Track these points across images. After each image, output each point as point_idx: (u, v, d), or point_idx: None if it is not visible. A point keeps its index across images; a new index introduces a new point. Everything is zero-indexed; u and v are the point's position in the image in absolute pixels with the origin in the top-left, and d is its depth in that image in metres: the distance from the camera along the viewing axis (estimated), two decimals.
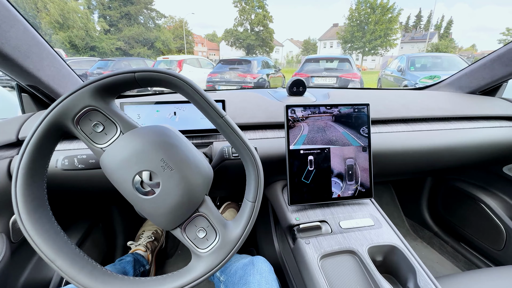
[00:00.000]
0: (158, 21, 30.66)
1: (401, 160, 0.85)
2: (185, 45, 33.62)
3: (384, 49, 24.05)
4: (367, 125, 0.68)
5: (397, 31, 24.53)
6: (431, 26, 49.00)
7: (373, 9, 22.89)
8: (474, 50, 54.47)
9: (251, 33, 34.70)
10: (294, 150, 0.65)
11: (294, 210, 0.68)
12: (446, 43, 39.25)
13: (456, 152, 0.88)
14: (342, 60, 5.53)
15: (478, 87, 1.04)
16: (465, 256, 1.17)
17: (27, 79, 0.64)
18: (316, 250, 0.57)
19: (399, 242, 0.60)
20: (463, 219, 1.18)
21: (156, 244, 1.09)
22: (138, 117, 0.68)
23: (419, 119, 0.89)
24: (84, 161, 0.49)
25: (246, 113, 0.77)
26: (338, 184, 0.68)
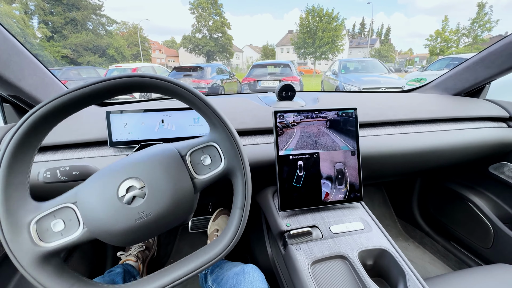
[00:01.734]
0: (109, 27, 29.01)
1: (390, 163, 0.87)
2: (141, 52, 32.34)
3: (333, 54, 26.30)
4: (355, 129, 0.70)
5: (343, 38, 26.99)
6: (374, 33, 54.61)
7: (320, 17, 24.80)
8: (411, 54, 62.04)
9: (210, 40, 34.79)
10: (283, 155, 0.66)
11: (284, 216, 0.68)
12: (387, 48, 43.94)
13: (443, 153, 0.90)
14: (284, 65, 6.23)
15: (463, 89, 1.06)
16: (455, 255, 1.18)
17: (7, 89, 0.63)
18: (307, 256, 0.57)
19: (389, 245, 0.61)
20: (453, 218, 1.20)
21: (147, 253, 1.07)
22: (125, 126, 0.66)
23: (407, 121, 0.91)
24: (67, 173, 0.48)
25: (235, 118, 0.76)
26: (327, 184, 0.69)
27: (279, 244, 0.66)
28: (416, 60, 38.62)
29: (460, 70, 1.05)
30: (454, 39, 25.93)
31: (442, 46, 26.31)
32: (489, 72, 0.95)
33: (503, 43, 0.87)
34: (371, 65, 6.71)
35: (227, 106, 0.85)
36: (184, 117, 0.70)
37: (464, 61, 1.03)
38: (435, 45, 26.79)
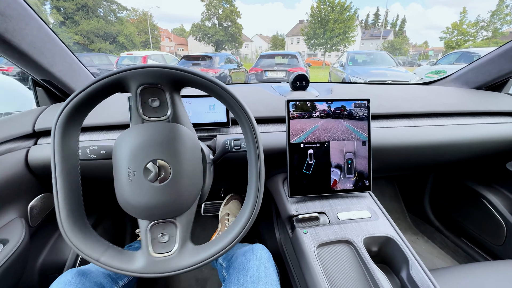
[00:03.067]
0: (119, 14, 28.98)
1: (403, 156, 0.86)
2: (150, 40, 32.28)
3: (344, 46, 25.66)
4: (367, 119, 0.70)
5: (355, 29, 26.15)
6: (388, 24, 52.71)
7: (332, 7, 24.05)
8: (426, 47, 59.72)
9: (219, 28, 34.38)
10: (294, 143, 0.67)
11: (293, 201, 0.70)
12: (401, 40, 42.37)
13: (459, 148, 0.89)
14: (292, 56, 6.22)
15: (485, 83, 1.03)
16: (465, 250, 1.17)
17: (41, 74, 0.68)
18: (313, 239, 0.59)
19: (394, 233, 0.62)
20: (465, 214, 1.18)
21: None
22: None
23: (422, 114, 0.90)
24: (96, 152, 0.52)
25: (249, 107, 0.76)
26: (337, 173, 0.70)
27: (287, 228, 0.69)
28: (430, 54, 37.33)
29: (483, 63, 1.01)
30: (472, 32, 24.84)
31: (458, 39, 25.28)
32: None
33: None
34: (379, 58, 6.63)
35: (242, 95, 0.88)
36: (201, 104, 0.74)
37: (488, 54, 0.99)
38: (451, 38, 25.76)
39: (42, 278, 0.75)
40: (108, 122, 0.73)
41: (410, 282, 0.53)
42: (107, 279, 0.61)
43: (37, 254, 0.75)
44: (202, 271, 1.12)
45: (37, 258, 0.75)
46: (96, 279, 0.57)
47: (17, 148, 0.66)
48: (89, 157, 0.52)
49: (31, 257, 0.72)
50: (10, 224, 0.62)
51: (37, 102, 0.79)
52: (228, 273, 0.64)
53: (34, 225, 0.70)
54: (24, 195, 0.68)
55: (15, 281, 0.62)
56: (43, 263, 0.75)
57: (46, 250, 0.78)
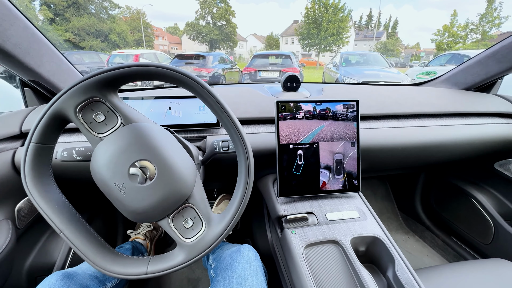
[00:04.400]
0: (112, 12, 28.52)
1: (391, 156, 0.87)
2: (143, 38, 31.93)
3: (337, 46, 25.84)
4: (356, 120, 0.71)
5: (349, 30, 26.38)
6: (381, 25, 53.42)
7: (326, 8, 24.14)
8: (418, 48, 60.79)
9: (213, 28, 34.22)
10: (283, 144, 0.68)
11: (283, 202, 0.70)
12: (393, 41, 42.99)
13: (447, 148, 0.89)
14: (285, 56, 6.20)
15: (473, 84, 1.04)
16: (454, 249, 1.19)
17: (28, 74, 0.67)
18: (301, 240, 0.60)
19: (381, 233, 0.63)
20: (454, 213, 1.20)
21: (155, 233, 1.12)
22: None
23: (411, 115, 0.90)
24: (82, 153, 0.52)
25: (239, 108, 0.78)
26: (326, 174, 0.70)
27: (276, 228, 0.69)
28: (422, 55, 37.99)
29: (471, 64, 1.02)
30: (462, 34, 25.40)
31: (449, 41, 25.81)
32: (501, 66, 0.93)
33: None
34: (372, 59, 6.69)
35: (232, 95, 0.87)
36: (191, 105, 0.74)
37: (476, 55, 1.00)
38: (442, 40, 26.28)
39: (30, 280, 0.75)
40: None
41: (396, 282, 0.54)
42: (93, 281, 0.59)
43: (25, 256, 0.75)
44: (194, 271, 1.12)
45: (25, 260, 0.74)
46: (82, 281, 0.56)
47: (3, 149, 0.65)
48: (76, 158, 0.52)
49: (18, 259, 0.72)
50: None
51: (25, 102, 0.78)
52: (216, 274, 0.64)
53: (22, 227, 0.69)
54: (11, 197, 0.67)
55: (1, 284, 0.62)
56: (31, 265, 0.75)
57: (35, 252, 0.77)
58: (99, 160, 0.39)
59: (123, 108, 0.41)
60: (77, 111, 0.38)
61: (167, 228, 0.42)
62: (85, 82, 0.37)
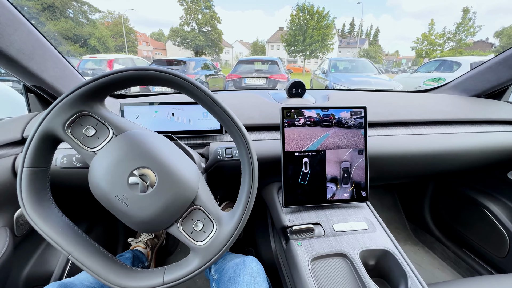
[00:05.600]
0: (91, 16, 27.56)
1: (400, 164, 0.84)
2: (125, 43, 31.06)
3: (322, 53, 26.24)
4: (363, 128, 0.68)
5: (333, 37, 26.94)
6: (363, 33, 55.36)
7: (311, 15, 24.58)
8: (397, 55, 63.62)
9: (199, 33, 33.94)
10: (289, 152, 0.65)
11: (288, 211, 0.68)
12: (375, 48, 44.76)
13: (458, 156, 0.86)
14: (272, 62, 5.82)
15: (484, 90, 1.01)
16: (467, 262, 1.13)
17: (32, 80, 0.66)
18: (308, 252, 0.57)
19: (392, 246, 0.60)
20: (466, 224, 1.15)
21: (156, 241, 1.10)
22: (137, 117, 0.70)
23: (420, 122, 0.87)
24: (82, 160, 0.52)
25: (244, 114, 0.77)
26: (333, 183, 0.68)
27: (281, 239, 0.67)
28: (402, 62, 39.48)
29: (481, 70, 0.99)
30: (440, 42, 26.56)
31: (428, 49, 26.91)
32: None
33: None
34: (361, 65, 6.51)
35: (236, 101, 0.84)
36: (194, 111, 0.72)
37: (486, 61, 0.96)
38: (421, 48, 27.36)
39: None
40: None
41: None
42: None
43: (22, 265, 0.73)
44: (196, 282, 1.10)
45: (22, 269, 0.73)
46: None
47: (4, 155, 0.65)
48: (76, 165, 0.52)
49: (15, 268, 0.70)
50: None
51: (29, 108, 0.78)
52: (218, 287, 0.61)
53: (20, 235, 0.68)
54: (10, 204, 0.65)
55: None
56: (28, 274, 0.73)
57: (32, 261, 0.76)
58: (96, 175, 0.38)
59: (113, 118, 0.40)
60: (65, 128, 0.37)
61: (177, 234, 0.41)
62: (68, 98, 0.36)
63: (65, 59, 0.74)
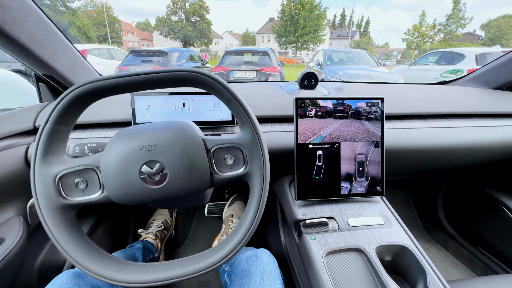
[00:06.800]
0: (70, 4, 25.88)
1: (417, 158, 0.82)
2: (109, 34, 29.58)
3: (314, 44, 25.75)
4: (380, 120, 0.66)
5: (325, 28, 26.54)
6: (353, 25, 55.07)
7: (302, 5, 24.05)
8: (387, 47, 63.93)
9: (186, 23, 32.77)
10: (302, 144, 0.64)
11: (301, 205, 0.67)
12: (366, 40, 44.78)
13: (478, 151, 0.84)
14: (263, 53, 5.27)
15: (506, 82, 0.98)
16: (482, 260, 1.10)
17: (43, 68, 0.66)
18: (322, 247, 0.56)
19: (409, 242, 0.59)
20: (481, 222, 1.12)
21: (165, 233, 1.12)
22: (148, 108, 0.69)
23: (438, 115, 0.85)
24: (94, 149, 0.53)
25: (255, 105, 0.75)
26: (347, 176, 0.66)
27: (293, 233, 0.65)
28: (394, 54, 39.53)
29: (504, 62, 0.95)
30: (431, 34, 26.54)
31: (418, 41, 26.89)
32: None
33: None
34: (358, 57, 6.10)
35: (247, 92, 0.84)
36: (205, 101, 0.71)
37: (509, 52, 0.92)
38: (412, 40, 27.30)
39: (41, 278, 0.75)
40: (110, 119, 0.72)
41: None
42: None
43: (36, 254, 0.74)
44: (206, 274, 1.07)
45: (36, 258, 0.74)
46: (92, 281, 0.55)
47: (17, 144, 0.66)
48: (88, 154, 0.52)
49: (29, 256, 0.72)
50: (8, 222, 0.62)
51: (40, 98, 0.78)
52: (230, 280, 0.62)
53: (33, 224, 0.69)
54: (23, 193, 0.66)
55: (11, 281, 0.62)
56: (42, 262, 0.74)
57: (45, 249, 0.76)
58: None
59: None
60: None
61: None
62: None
63: (76, 50, 0.74)
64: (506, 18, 26.92)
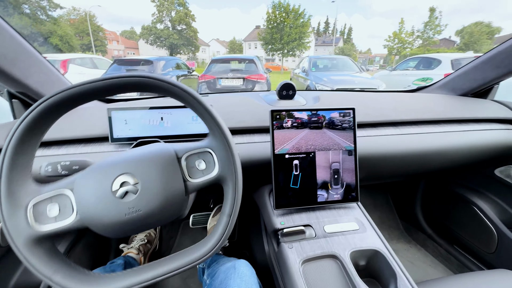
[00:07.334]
0: (52, 13, 25.26)
1: (390, 164, 0.85)
2: (92, 42, 29.02)
3: (300, 51, 26.28)
4: (353, 129, 0.69)
5: (310, 35, 27.13)
6: (337, 32, 56.77)
7: (287, 13, 24.56)
8: (370, 53, 66.19)
9: (173, 32, 32.68)
10: (279, 154, 0.65)
11: (279, 214, 0.68)
12: (349, 46, 46.16)
13: (447, 155, 0.88)
14: (249, 61, 5.33)
15: (470, 89, 1.03)
16: (458, 259, 1.16)
17: (15, 86, 0.65)
18: (299, 255, 0.57)
19: (382, 246, 0.61)
20: (456, 221, 1.17)
21: (149, 246, 1.10)
22: (126, 123, 0.68)
23: (409, 122, 0.89)
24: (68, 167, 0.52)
25: (234, 117, 0.76)
26: (324, 184, 0.68)
27: (273, 242, 0.67)
28: (376, 59, 40.94)
29: (468, 70, 1.01)
30: (410, 40, 27.75)
31: (399, 46, 28.01)
32: (498, 72, 0.92)
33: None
34: (341, 63, 6.24)
35: (227, 104, 0.85)
36: (183, 115, 0.71)
37: (472, 60, 0.98)
38: (393, 46, 28.41)
39: None
40: (87, 134, 0.70)
41: None
42: None
43: (9, 276, 0.72)
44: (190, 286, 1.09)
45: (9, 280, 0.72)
46: None
47: None
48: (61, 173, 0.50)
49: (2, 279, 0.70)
50: None
51: (14, 114, 0.76)
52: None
53: (6, 245, 0.66)
54: None
55: None
56: (15, 285, 0.72)
57: (19, 271, 0.74)
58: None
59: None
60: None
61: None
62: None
63: (52, 65, 0.74)
64: (477, 24, 28.59)
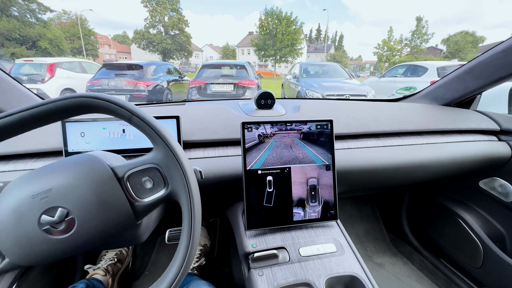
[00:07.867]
0: (41, 16, 24.82)
1: (372, 177, 0.81)
2: (83, 46, 28.63)
3: (292, 57, 26.64)
4: (330, 142, 0.65)
5: (302, 42, 27.59)
6: (329, 39, 57.89)
7: (279, 20, 24.96)
8: (360, 60, 67.67)
9: (166, 36, 32.60)
10: (251, 170, 0.60)
11: (252, 235, 0.63)
12: (341, 53, 47.11)
13: (429, 167, 0.85)
14: (240, 66, 5.38)
15: (452, 99, 1.02)
16: (444, 273, 1.12)
17: None
18: (269, 283, 0.53)
19: (360, 271, 0.57)
20: (442, 234, 1.14)
21: (119, 266, 1.02)
22: (82, 135, 0.63)
23: (391, 133, 0.86)
24: None
25: (207, 128, 0.72)
26: (300, 202, 0.64)
27: (243, 267, 0.61)
28: (366, 66, 41.87)
29: (449, 80, 1.01)
30: (398, 48, 28.54)
31: (388, 54, 28.75)
32: (478, 82, 0.91)
33: (492, 54, 0.84)
34: (332, 70, 6.33)
35: (201, 114, 0.80)
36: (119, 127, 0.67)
37: (454, 71, 0.98)
38: (382, 53, 29.14)
39: None
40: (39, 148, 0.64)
41: None
42: None
43: None
44: None
45: None
46: None
47: None
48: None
49: None
50: None
51: None
52: None
53: None
54: None
55: None
56: None
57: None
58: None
59: None
60: None
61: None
62: None
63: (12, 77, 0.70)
64: (462, 34, 29.70)
